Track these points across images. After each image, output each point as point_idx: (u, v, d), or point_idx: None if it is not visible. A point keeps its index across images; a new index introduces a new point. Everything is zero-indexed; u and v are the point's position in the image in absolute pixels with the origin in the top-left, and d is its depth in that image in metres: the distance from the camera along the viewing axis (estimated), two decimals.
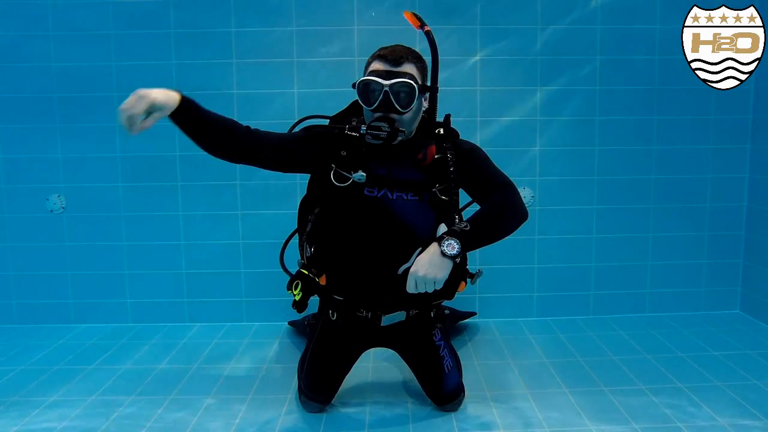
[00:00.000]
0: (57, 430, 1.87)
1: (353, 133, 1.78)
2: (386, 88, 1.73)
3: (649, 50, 2.83)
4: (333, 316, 1.96)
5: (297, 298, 1.84)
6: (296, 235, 2.13)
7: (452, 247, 1.68)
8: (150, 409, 2.01)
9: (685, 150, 2.90)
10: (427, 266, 1.69)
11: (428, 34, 1.82)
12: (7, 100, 2.83)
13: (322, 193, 1.89)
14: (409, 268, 1.74)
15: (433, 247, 1.71)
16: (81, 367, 2.39)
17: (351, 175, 1.79)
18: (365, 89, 1.77)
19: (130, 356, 2.50)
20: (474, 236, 1.73)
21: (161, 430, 1.87)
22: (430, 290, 1.71)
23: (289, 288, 1.87)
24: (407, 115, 1.77)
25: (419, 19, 1.83)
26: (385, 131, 1.73)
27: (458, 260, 1.73)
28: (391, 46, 1.82)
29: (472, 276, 1.91)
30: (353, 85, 1.83)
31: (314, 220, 1.97)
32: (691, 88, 2.77)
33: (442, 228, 1.80)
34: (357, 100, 1.97)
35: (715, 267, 2.99)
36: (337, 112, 1.99)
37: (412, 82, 1.74)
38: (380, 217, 1.81)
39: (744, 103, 2.88)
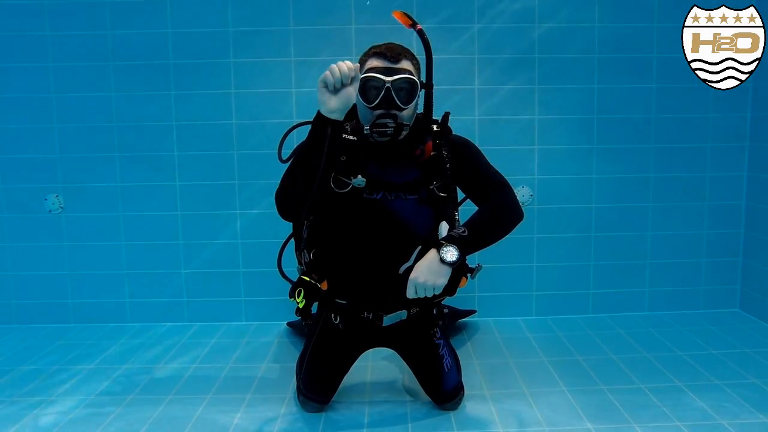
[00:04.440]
0: (56, 429, 1.87)
1: (350, 137, 1.77)
2: (388, 85, 1.71)
3: (648, 48, 2.83)
4: (336, 320, 1.96)
5: (300, 305, 1.83)
6: (291, 240, 2.12)
7: (451, 254, 1.69)
8: (149, 409, 2.00)
9: (684, 148, 2.90)
10: (426, 273, 1.69)
11: (420, 32, 1.80)
12: (6, 100, 2.82)
13: (319, 200, 1.85)
14: (410, 267, 1.74)
15: (432, 254, 1.71)
16: (80, 367, 2.39)
17: (351, 180, 1.78)
18: (365, 86, 1.74)
19: (129, 356, 2.50)
20: (472, 241, 1.74)
21: (160, 429, 1.88)
22: (430, 295, 1.72)
23: (292, 296, 1.86)
24: (407, 112, 1.77)
25: (410, 17, 1.82)
26: (391, 127, 1.73)
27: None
28: (386, 44, 1.80)
29: (472, 270, 1.90)
30: None
31: (310, 225, 1.94)
32: (690, 87, 2.76)
33: (443, 226, 1.80)
34: None
35: (714, 265, 2.98)
36: None
37: (414, 78, 1.74)
38: (381, 219, 1.81)
39: (742, 101, 2.87)
